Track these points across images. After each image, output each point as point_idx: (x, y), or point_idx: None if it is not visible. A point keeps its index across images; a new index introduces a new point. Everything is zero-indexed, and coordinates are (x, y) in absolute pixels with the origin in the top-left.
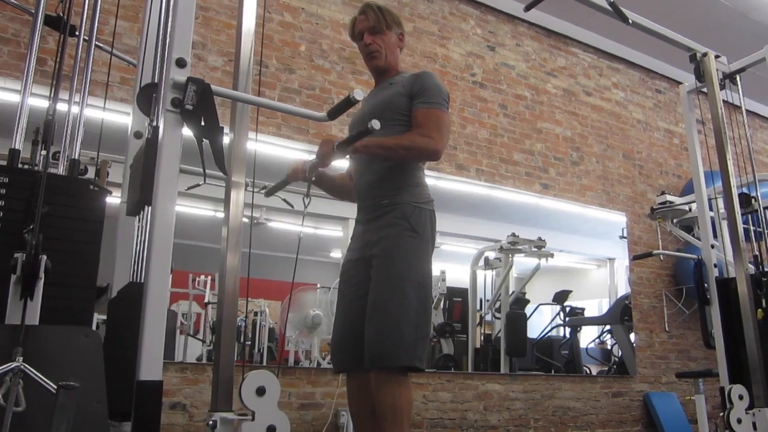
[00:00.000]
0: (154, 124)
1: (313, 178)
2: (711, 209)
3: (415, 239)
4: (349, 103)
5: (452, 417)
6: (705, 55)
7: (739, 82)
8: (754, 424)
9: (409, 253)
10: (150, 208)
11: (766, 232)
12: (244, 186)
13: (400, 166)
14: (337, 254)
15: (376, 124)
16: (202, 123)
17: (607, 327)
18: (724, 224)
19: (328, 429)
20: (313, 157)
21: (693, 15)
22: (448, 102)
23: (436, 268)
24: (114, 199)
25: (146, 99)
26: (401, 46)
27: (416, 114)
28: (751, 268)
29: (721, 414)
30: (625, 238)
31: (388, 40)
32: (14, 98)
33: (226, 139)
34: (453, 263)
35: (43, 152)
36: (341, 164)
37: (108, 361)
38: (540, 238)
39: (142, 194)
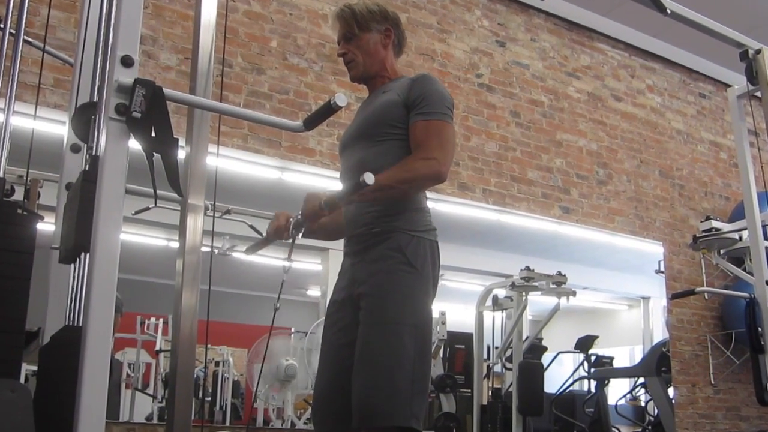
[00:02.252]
0: (93, 152)
1: (298, 237)
2: (766, 238)
3: (412, 275)
4: (329, 110)
5: None
6: (759, 51)
7: None
8: None
9: (405, 292)
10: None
11: None
12: (203, 210)
13: None
14: (315, 292)
15: (369, 178)
16: (153, 134)
17: (641, 380)
18: None
19: None
20: (297, 213)
21: (744, 4)
22: (452, 111)
23: (435, 308)
24: (46, 226)
25: (83, 121)
26: (388, 43)
27: (414, 129)
28: None
29: None
30: (662, 272)
31: (365, 45)
32: None
33: (181, 154)
34: (455, 302)
35: None
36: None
37: (39, 421)
38: (560, 273)
39: (78, 239)
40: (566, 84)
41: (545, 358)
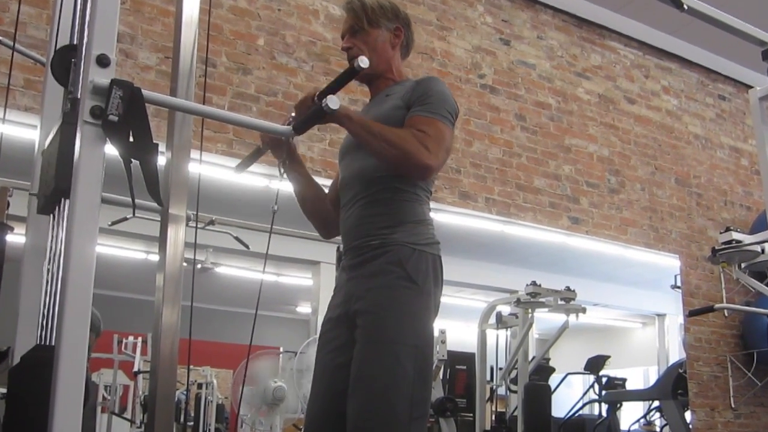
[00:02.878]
0: (72, 95)
1: (293, 141)
2: None
3: (412, 291)
4: (320, 113)
5: None
6: None
7: None
8: None
9: (405, 309)
10: (64, 245)
11: None
12: (185, 220)
13: (396, 198)
14: (306, 308)
15: (363, 62)
16: (131, 139)
17: (656, 403)
18: None
19: None
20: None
21: None
22: (454, 117)
23: (435, 326)
24: (16, 237)
25: (64, 62)
26: (397, 43)
27: (410, 119)
28: None
29: None
30: (678, 288)
31: (373, 41)
32: None
33: (161, 160)
34: (455, 320)
35: None
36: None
37: None
38: (568, 288)
39: (58, 183)
40: (575, 85)
41: (553, 380)
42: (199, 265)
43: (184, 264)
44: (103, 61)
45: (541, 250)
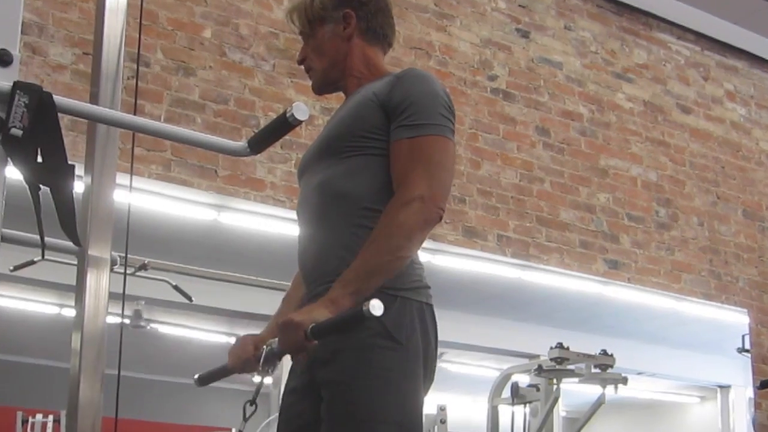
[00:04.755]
0: None
1: (271, 373)
2: None
3: (393, 352)
4: (284, 125)
5: None
6: None
7: None
8: None
9: (384, 376)
10: None
11: None
12: (110, 264)
13: (371, 224)
14: (265, 378)
15: (376, 309)
16: (39, 158)
17: None
18: None
19: None
20: (272, 341)
21: None
22: (450, 119)
23: (431, 400)
24: None
25: None
26: (351, 33)
27: (395, 152)
28: None
29: None
30: (747, 352)
31: (319, 43)
32: None
33: (79, 186)
34: (459, 392)
35: None
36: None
37: None
38: (605, 353)
39: None
40: (614, 89)
41: None
42: (128, 322)
43: (109, 321)
44: (3, 59)
45: (570, 303)
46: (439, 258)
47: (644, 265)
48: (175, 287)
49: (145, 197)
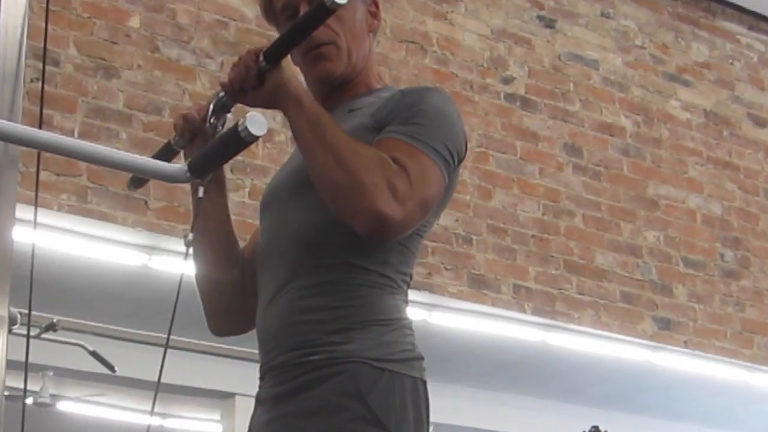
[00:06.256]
0: None
1: (220, 125)
2: None
3: None
4: (236, 142)
5: None
6: None
7: None
8: None
9: None
10: None
11: None
12: (8, 323)
13: (352, 281)
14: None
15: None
16: None
17: None
18: None
19: None
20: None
21: None
22: (454, 160)
23: None
24: None
25: None
26: (375, 25)
27: (389, 142)
28: None
29: None
30: None
31: (351, 22)
32: None
33: None
34: None
35: None
36: None
37: None
38: None
39: None
40: (666, 95)
41: None
42: (30, 399)
43: (6, 396)
44: None
45: (608, 375)
46: (437, 316)
47: (705, 325)
48: (93, 353)
49: (53, 236)
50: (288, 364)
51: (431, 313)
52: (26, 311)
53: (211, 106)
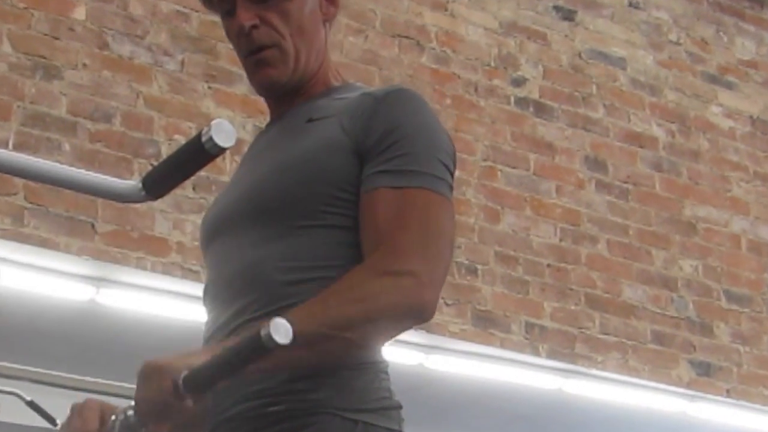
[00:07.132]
0: None
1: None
2: None
3: None
4: (199, 155)
5: None
6: None
7: None
8: None
9: None
10: None
11: None
12: None
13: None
14: None
15: (279, 330)
16: None
17: None
18: None
19: None
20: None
21: None
22: (450, 170)
23: None
24: None
25: None
26: (331, 14)
27: (371, 202)
28: None
29: None
30: None
31: (298, 16)
32: None
33: None
34: None
35: None
36: None
37: None
38: None
39: None
40: (706, 100)
41: None
42: None
43: None
44: None
45: (638, 429)
46: (435, 359)
47: (751, 370)
48: (30, 403)
49: None
50: (244, 417)
51: (429, 356)
52: None
53: (118, 425)
